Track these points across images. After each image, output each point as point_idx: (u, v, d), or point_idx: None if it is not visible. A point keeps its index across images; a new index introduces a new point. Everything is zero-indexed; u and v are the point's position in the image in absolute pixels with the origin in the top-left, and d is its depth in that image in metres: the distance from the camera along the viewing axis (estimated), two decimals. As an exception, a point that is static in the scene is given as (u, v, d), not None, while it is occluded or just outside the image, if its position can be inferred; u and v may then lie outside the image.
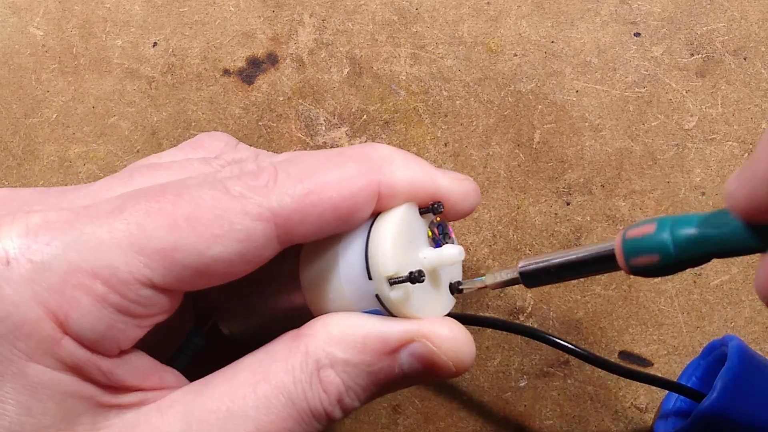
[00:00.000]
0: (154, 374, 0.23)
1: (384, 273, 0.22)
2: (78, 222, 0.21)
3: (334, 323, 0.23)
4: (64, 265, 0.20)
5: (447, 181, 0.25)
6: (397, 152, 0.24)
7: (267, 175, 0.22)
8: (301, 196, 0.22)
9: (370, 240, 0.23)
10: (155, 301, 0.21)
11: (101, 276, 0.20)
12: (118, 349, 0.22)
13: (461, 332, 0.23)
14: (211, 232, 0.21)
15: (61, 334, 0.20)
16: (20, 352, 0.20)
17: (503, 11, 0.38)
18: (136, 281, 0.21)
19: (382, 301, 0.23)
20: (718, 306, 0.35)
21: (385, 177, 0.23)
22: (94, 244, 0.21)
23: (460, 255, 0.24)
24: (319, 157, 0.23)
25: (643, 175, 0.36)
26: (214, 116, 0.38)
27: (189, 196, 0.21)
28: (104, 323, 0.21)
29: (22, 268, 0.20)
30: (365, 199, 0.23)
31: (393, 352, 0.23)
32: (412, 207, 0.24)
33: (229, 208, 0.21)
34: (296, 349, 0.23)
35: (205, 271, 0.21)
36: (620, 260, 0.21)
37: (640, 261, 0.21)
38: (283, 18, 0.38)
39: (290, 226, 0.22)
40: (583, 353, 0.30)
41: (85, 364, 0.21)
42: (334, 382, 0.22)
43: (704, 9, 0.37)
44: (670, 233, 0.20)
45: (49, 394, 0.21)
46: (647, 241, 0.20)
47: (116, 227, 0.21)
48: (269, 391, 0.22)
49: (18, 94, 0.38)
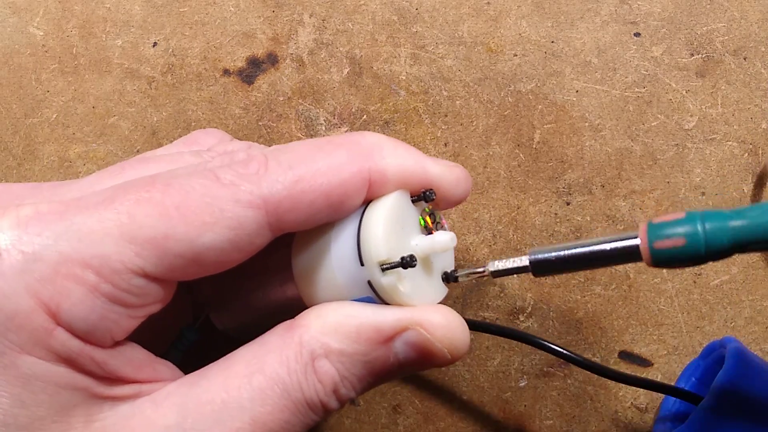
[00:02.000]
0: (149, 366, 0.23)
1: (376, 258, 0.22)
2: (68, 213, 0.21)
3: (327, 313, 0.23)
4: (56, 255, 0.20)
5: (438, 168, 0.25)
6: (387, 139, 0.24)
7: (257, 163, 0.22)
8: (292, 183, 0.22)
9: (362, 226, 0.23)
10: (148, 291, 0.21)
11: (92, 266, 0.20)
12: (112, 340, 0.22)
13: (455, 319, 0.23)
14: (201, 220, 0.21)
15: (54, 325, 0.20)
16: (12, 344, 0.20)
17: (503, 11, 0.38)
18: (127, 270, 0.21)
19: (374, 288, 0.23)
20: (718, 306, 0.35)
21: (375, 164, 0.23)
22: (84, 234, 0.21)
23: (451, 241, 0.24)
24: (309, 145, 0.23)
25: (643, 175, 0.36)
26: (214, 116, 0.38)
27: (179, 185, 0.21)
28: (97, 313, 0.21)
29: (14, 260, 0.20)
30: (356, 186, 0.23)
31: (387, 341, 0.23)
32: (403, 194, 0.24)
33: (220, 196, 0.21)
34: (290, 340, 0.22)
35: (196, 260, 0.21)
36: (643, 243, 0.21)
37: (665, 244, 0.20)
38: (283, 18, 0.38)
39: (281, 214, 0.22)
40: (577, 358, 0.30)
41: (78, 354, 0.21)
42: (329, 372, 0.22)
43: (704, 9, 0.37)
44: (701, 219, 0.20)
45: (42, 386, 0.21)
46: (675, 224, 0.20)
47: (107, 217, 0.21)
48: (264, 383, 0.22)
49: (18, 94, 0.38)
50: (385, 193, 0.24)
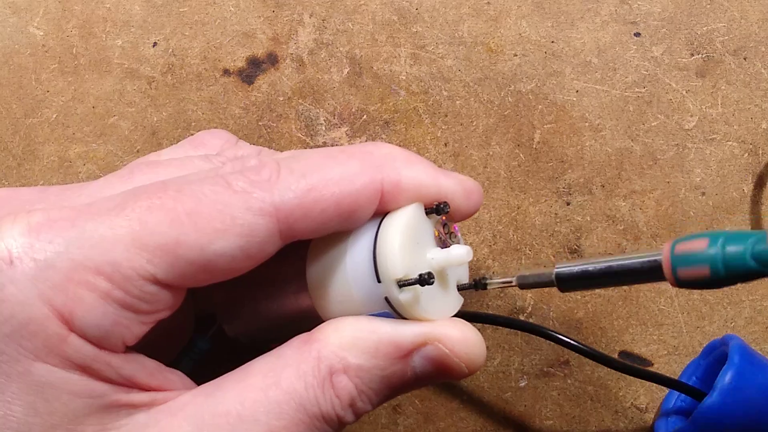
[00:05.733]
0: (160, 374, 0.23)
1: (393, 276, 0.22)
2: (80, 219, 0.21)
3: (346, 328, 0.23)
4: (68, 262, 0.20)
5: (450, 182, 0.25)
6: (401, 151, 0.24)
7: (269, 171, 0.22)
8: (304, 191, 0.22)
9: (378, 242, 0.23)
10: (159, 297, 0.21)
11: (105, 272, 0.20)
12: (123, 345, 0.22)
13: (472, 333, 0.23)
14: (213, 227, 0.21)
15: (67, 332, 0.20)
16: (26, 351, 0.20)
17: (503, 11, 0.38)
18: (139, 277, 0.21)
19: (391, 304, 0.23)
20: (718, 306, 0.35)
21: (388, 175, 0.23)
22: (96, 241, 0.21)
23: (468, 255, 0.24)
24: (321, 154, 0.23)
25: (643, 175, 0.36)
26: (214, 116, 0.38)
27: (190, 192, 0.21)
28: (109, 319, 0.21)
29: (26, 267, 0.20)
30: (367, 197, 0.23)
31: (406, 356, 0.23)
32: (418, 207, 0.24)
33: (231, 203, 0.21)
34: (308, 354, 0.22)
35: (207, 267, 0.21)
36: (667, 272, 0.21)
37: (688, 274, 0.20)
38: (283, 18, 0.38)
39: (292, 222, 0.22)
40: (590, 351, 0.30)
41: (93, 360, 0.21)
42: (347, 388, 0.22)
43: (704, 9, 0.37)
44: (721, 249, 0.20)
45: (56, 393, 0.20)
46: (697, 256, 0.20)
47: (118, 224, 0.21)
48: (280, 396, 0.22)
49: (18, 94, 0.38)
50: (397, 205, 0.24)
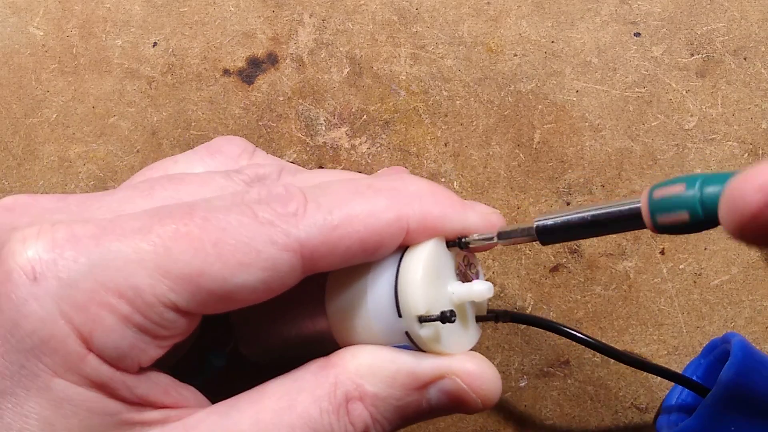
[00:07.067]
0: (173, 390, 0.23)
1: (414, 312, 0.22)
2: (104, 239, 0.21)
3: (364, 355, 0.23)
4: (90, 283, 0.20)
5: (476, 218, 0.25)
6: (428, 187, 0.24)
7: (296, 203, 0.22)
8: (330, 228, 0.22)
9: (400, 277, 0.23)
10: (177, 324, 0.22)
11: (126, 296, 0.21)
12: (138, 366, 0.22)
13: (489, 368, 0.24)
14: (237, 259, 0.21)
15: (86, 351, 0.21)
16: (46, 367, 0.20)
17: (503, 11, 0.38)
18: (160, 304, 0.21)
19: (411, 338, 0.23)
20: (718, 306, 0.35)
21: (414, 214, 0.23)
22: (121, 264, 0.21)
23: (489, 292, 0.24)
24: (349, 187, 0.23)
25: (643, 175, 0.36)
26: (214, 116, 0.38)
27: (216, 221, 0.21)
28: (127, 342, 0.21)
29: (50, 285, 0.20)
30: (392, 234, 0.23)
31: (422, 388, 0.23)
32: (440, 241, 0.24)
33: (256, 237, 0.21)
34: (324, 380, 0.23)
35: (228, 297, 0.21)
36: (646, 218, 0.20)
37: (667, 219, 0.20)
38: (283, 18, 0.38)
39: (317, 258, 0.22)
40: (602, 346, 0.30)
41: (110, 379, 0.21)
42: (362, 416, 0.22)
43: (704, 9, 0.37)
44: (700, 191, 0.19)
45: (73, 409, 0.21)
46: (675, 200, 0.20)
47: (143, 248, 0.21)
48: (295, 420, 0.22)
49: (18, 94, 0.38)
50: (420, 240, 0.24)
